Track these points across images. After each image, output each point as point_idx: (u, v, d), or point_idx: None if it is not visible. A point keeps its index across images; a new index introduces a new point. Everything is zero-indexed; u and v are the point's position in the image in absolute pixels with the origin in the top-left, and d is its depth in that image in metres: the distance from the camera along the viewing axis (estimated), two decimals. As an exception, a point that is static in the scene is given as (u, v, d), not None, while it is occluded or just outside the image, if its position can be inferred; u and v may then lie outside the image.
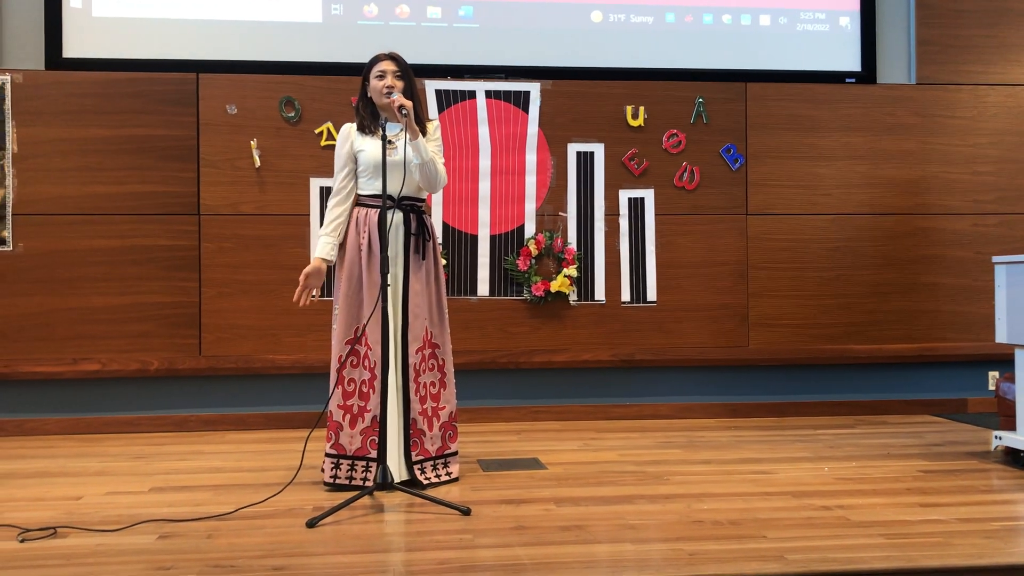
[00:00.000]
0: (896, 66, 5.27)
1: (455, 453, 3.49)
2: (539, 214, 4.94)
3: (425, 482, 3.34)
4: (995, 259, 3.84)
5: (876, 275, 5.11)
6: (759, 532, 2.73)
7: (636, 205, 4.99)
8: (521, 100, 4.94)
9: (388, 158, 3.24)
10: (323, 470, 3.36)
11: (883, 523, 2.82)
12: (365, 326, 3.29)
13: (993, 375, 5.18)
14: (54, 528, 2.80)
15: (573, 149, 4.97)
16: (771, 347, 5.04)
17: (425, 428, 3.39)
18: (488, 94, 4.92)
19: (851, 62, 5.24)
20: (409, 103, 3.26)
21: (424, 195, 3.47)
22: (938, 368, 5.19)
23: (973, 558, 2.46)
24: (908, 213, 5.13)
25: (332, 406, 3.33)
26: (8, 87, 4.63)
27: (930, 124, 5.17)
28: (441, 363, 3.46)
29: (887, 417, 5.01)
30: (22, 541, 2.69)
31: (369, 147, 3.36)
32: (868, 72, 5.23)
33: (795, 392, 5.12)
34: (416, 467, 3.35)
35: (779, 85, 5.10)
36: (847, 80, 5.21)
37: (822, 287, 5.08)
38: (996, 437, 3.76)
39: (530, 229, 4.92)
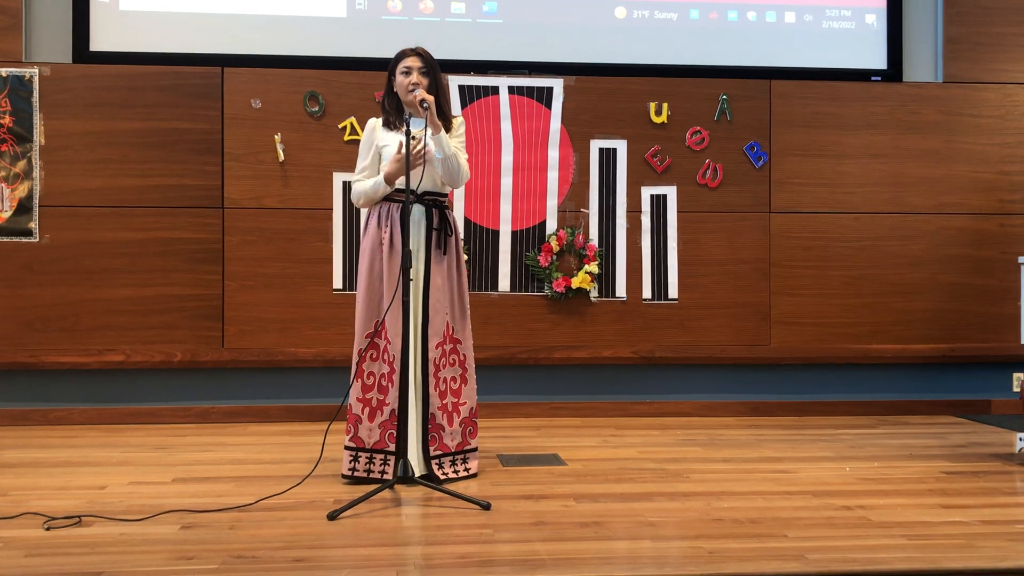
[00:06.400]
0: (922, 64, 5.22)
1: (475, 449, 3.50)
2: (561, 210, 4.94)
3: (443, 477, 3.34)
4: (1021, 259, 3.80)
5: (900, 274, 5.07)
6: (779, 531, 2.72)
7: (658, 202, 4.98)
8: (544, 96, 4.93)
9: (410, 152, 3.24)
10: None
11: (905, 524, 2.81)
12: (383, 320, 3.30)
13: (1018, 376, 5.13)
14: (78, 517, 2.83)
15: (596, 145, 4.96)
16: (793, 346, 5.01)
17: (444, 423, 3.39)
18: (511, 90, 4.92)
19: (877, 60, 5.20)
20: (431, 98, 3.27)
21: (447, 190, 3.48)
22: (962, 369, 5.14)
23: (996, 560, 2.44)
24: (933, 212, 5.09)
25: (352, 399, 3.35)
26: (36, 80, 4.68)
27: (956, 123, 5.11)
28: (462, 358, 3.46)
29: (910, 418, 4.98)
30: (48, 529, 2.73)
31: (393, 142, 3.37)
32: (894, 70, 5.18)
33: (817, 391, 5.09)
34: (434, 462, 3.36)
35: (804, 83, 5.06)
36: (873, 78, 5.17)
37: (845, 286, 5.05)
38: (1020, 439, 3.73)
39: (552, 225, 4.92)
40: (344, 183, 4.74)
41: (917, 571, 2.38)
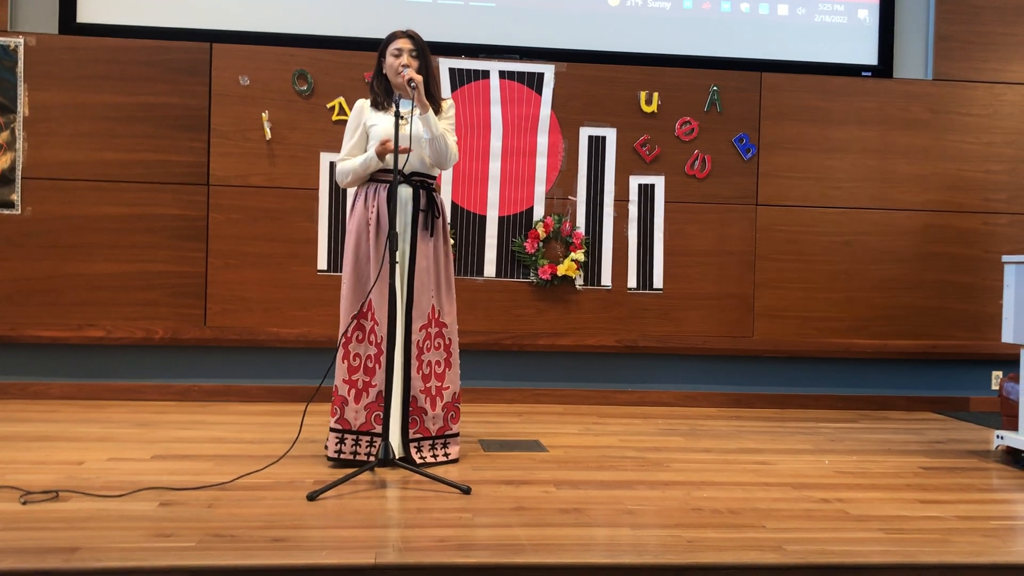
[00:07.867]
0: (913, 61, 5.23)
1: (456, 434, 3.49)
2: (548, 197, 4.93)
3: (420, 461, 3.33)
4: (1004, 258, 3.82)
5: (884, 270, 5.09)
6: (758, 522, 2.73)
7: (646, 192, 4.98)
8: (535, 82, 4.91)
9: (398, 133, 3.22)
10: (327, 445, 3.36)
11: (882, 518, 2.83)
12: (367, 301, 3.29)
13: (997, 375, 5.17)
14: (56, 492, 2.81)
15: (585, 133, 4.95)
16: (776, 338, 5.03)
17: (427, 407, 3.38)
18: (502, 74, 4.90)
19: (868, 55, 5.20)
20: (419, 77, 3.25)
21: (435, 172, 3.46)
22: (942, 366, 5.17)
23: (971, 556, 2.46)
24: (918, 209, 5.11)
25: (338, 380, 3.33)
26: (21, 50, 4.62)
27: (945, 121, 5.13)
28: (448, 342, 3.45)
29: (889, 413, 5.01)
30: (24, 503, 2.71)
31: (381, 122, 3.35)
32: (884, 66, 5.19)
33: (798, 384, 5.11)
34: (412, 445, 3.35)
35: (794, 76, 5.06)
36: (863, 73, 5.17)
37: (829, 280, 5.07)
38: (998, 436, 3.75)
39: (539, 212, 4.91)
40: (331, 163, 4.71)
41: (893, 564, 2.40)
